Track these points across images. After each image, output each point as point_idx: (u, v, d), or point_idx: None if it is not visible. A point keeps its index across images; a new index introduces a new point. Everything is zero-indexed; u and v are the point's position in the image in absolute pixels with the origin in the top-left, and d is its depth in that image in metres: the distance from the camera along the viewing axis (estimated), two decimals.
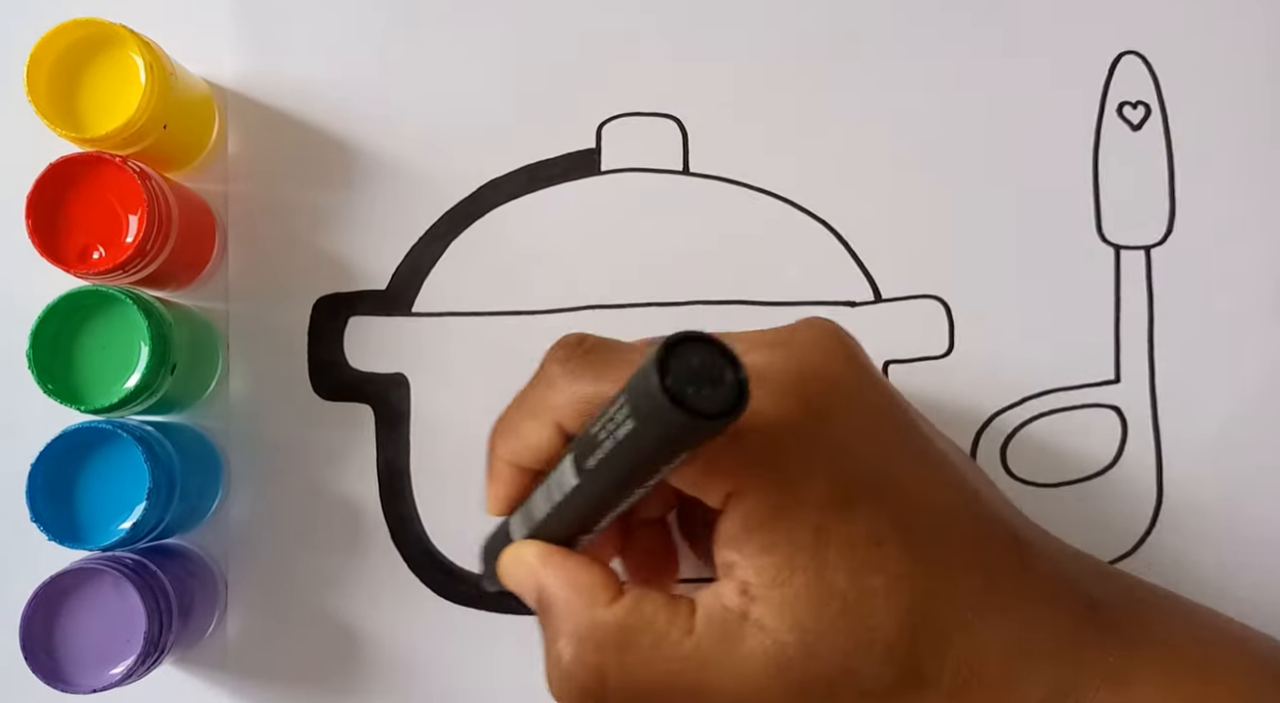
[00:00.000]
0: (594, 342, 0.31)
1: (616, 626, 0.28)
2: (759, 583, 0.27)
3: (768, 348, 0.30)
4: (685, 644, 0.28)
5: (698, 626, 0.28)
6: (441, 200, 0.42)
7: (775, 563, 0.27)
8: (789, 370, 0.29)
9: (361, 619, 0.41)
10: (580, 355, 0.30)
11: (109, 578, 0.36)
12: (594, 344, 0.31)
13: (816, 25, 0.42)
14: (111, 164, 0.36)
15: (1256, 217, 0.41)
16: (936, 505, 0.29)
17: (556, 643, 0.29)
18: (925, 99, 0.42)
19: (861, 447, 0.29)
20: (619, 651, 0.28)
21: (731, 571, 0.28)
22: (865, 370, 0.31)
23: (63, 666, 0.35)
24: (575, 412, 0.29)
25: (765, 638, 0.27)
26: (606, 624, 0.28)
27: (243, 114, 0.42)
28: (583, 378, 0.30)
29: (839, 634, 0.27)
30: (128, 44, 0.37)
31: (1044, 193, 0.42)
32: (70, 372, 0.36)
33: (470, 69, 0.42)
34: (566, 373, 0.30)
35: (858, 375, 0.30)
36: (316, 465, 0.41)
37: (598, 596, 0.29)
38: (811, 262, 0.41)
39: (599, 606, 0.28)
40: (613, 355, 0.30)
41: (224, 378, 0.41)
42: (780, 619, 0.27)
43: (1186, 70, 0.42)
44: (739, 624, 0.27)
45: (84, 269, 0.36)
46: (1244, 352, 0.41)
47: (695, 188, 0.42)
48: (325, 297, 0.41)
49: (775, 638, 0.27)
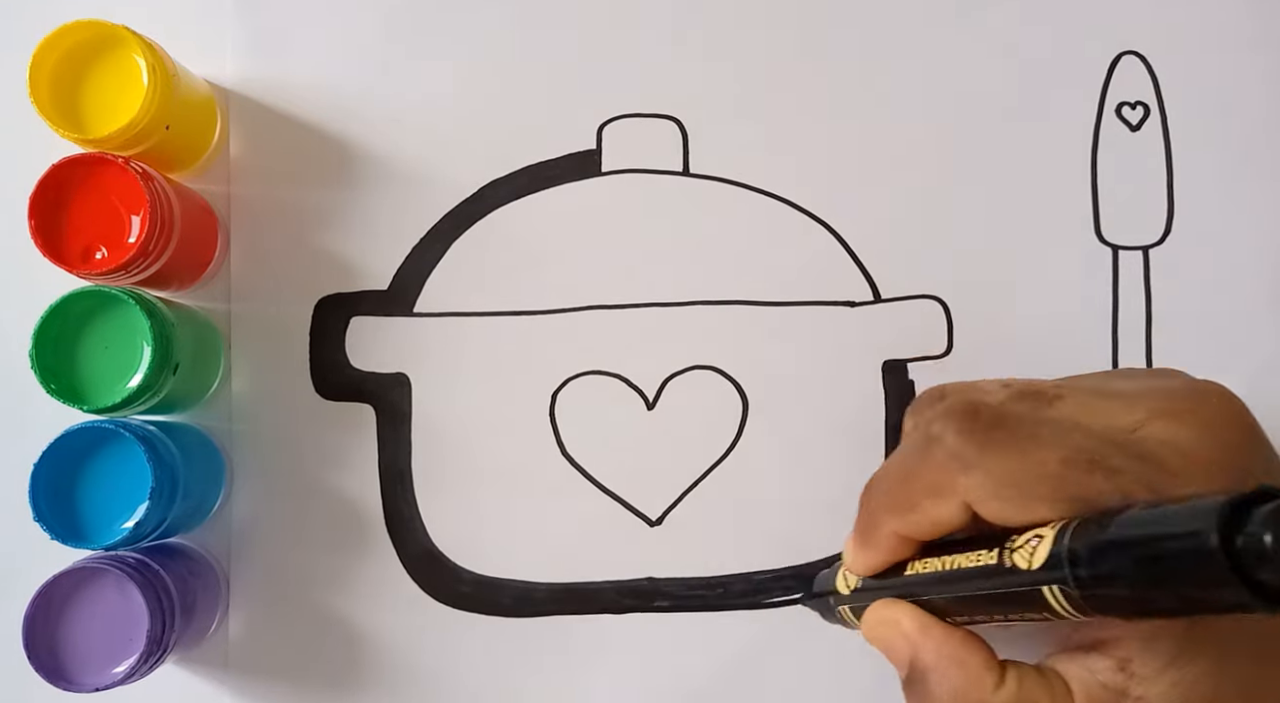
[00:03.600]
0: (982, 407, 0.29)
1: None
2: (1145, 662, 0.26)
3: (1174, 419, 0.28)
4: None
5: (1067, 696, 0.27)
6: (443, 201, 0.42)
7: (1173, 644, 0.26)
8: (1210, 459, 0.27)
9: (363, 619, 0.41)
10: (985, 427, 0.28)
11: (111, 577, 0.36)
12: (987, 411, 0.29)
13: (817, 25, 0.42)
14: (114, 165, 0.36)
15: (1254, 217, 0.41)
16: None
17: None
18: (925, 99, 0.42)
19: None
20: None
21: (1108, 645, 0.27)
22: (1271, 449, 0.29)
23: (65, 665, 0.36)
24: (998, 494, 0.27)
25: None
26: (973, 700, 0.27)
27: (245, 115, 0.42)
28: (999, 453, 0.27)
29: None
30: (130, 45, 0.37)
31: (1042, 193, 0.42)
32: (73, 372, 0.36)
33: (471, 70, 0.42)
34: (980, 450, 0.28)
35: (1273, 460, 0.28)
36: (318, 465, 0.41)
37: (984, 678, 0.28)
38: (811, 262, 0.41)
39: (986, 690, 0.27)
40: (1018, 427, 0.28)
41: (226, 378, 0.41)
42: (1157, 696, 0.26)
43: (1185, 71, 0.42)
44: (1114, 698, 0.26)
45: (86, 269, 0.36)
46: (1241, 352, 0.41)
47: (695, 188, 0.42)
48: (327, 297, 0.41)
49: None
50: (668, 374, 0.41)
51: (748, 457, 0.41)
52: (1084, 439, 0.27)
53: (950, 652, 0.28)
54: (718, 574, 0.41)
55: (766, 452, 0.41)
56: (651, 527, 0.41)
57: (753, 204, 0.42)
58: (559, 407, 0.41)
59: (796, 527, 0.41)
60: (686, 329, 0.41)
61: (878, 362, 0.41)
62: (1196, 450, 0.27)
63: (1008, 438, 0.28)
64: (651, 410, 0.41)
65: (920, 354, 0.41)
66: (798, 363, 0.41)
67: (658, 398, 0.41)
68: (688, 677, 0.41)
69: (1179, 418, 0.28)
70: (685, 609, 0.41)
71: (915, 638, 0.29)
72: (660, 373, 0.41)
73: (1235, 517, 0.20)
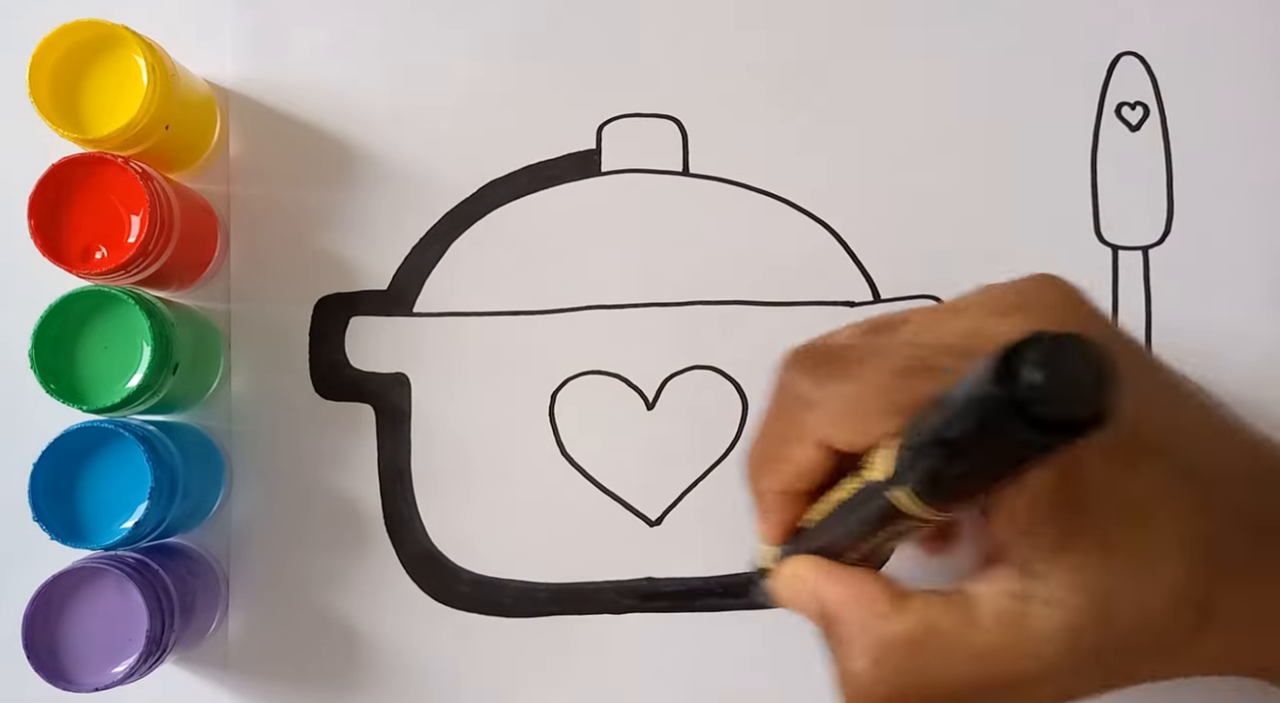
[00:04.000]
0: (821, 346, 0.30)
1: (908, 638, 0.28)
2: (1041, 558, 0.27)
3: (1002, 316, 0.29)
4: (977, 642, 0.27)
5: (984, 620, 0.27)
6: (442, 201, 0.42)
7: (1058, 534, 0.26)
8: None
9: (362, 619, 0.41)
10: (822, 362, 0.29)
11: (111, 577, 0.36)
12: (824, 349, 0.29)
13: (816, 25, 0.42)
14: (114, 165, 0.36)
15: (1254, 218, 0.41)
16: (1211, 453, 0.28)
17: (851, 661, 0.28)
18: (925, 99, 0.42)
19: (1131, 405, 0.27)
20: (915, 663, 0.28)
21: (1006, 552, 0.27)
22: (1112, 328, 0.30)
23: (65, 664, 0.36)
24: (838, 421, 0.28)
25: (1055, 613, 0.26)
26: (898, 637, 0.28)
27: (244, 115, 0.42)
28: (834, 383, 0.28)
29: (1129, 588, 0.26)
30: (130, 45, 0.37)
31: (1042, 193, 0.42)
32: (72, 372, 0.36)
33: (471, 70, 0.42)
34: (817, 384, 0.29)
35: (1110, 336, 0.29)
36: (318, 465, 0.41)
37: (882, 606, 0.28)
38: (811, 262, 0.41)
39: (887, 617, 0.28)
40: (850, 354, 0.29)
41: (226, 378, 0.41)
42: (1069, 589, 0.26)
43: (1185, 71, 0.42)
44: (1025, 607, 0.27)
45: (86, 269, 0.36)
46: (1241, 352, 0.41)
47: (695, 188, 0.42)
48: (327, 297, 0.41)
49: (1065, 611, 0.26)
50: (668, 374, 0.41)
51: None
52: (915, 350, 0.28)
53: (848, 590, 0.29)
54: (717, 574, 0.41)
55: None
56: (651, 527, 0.41)
57: (753, 204, 0.42)
58: (559, 407, 0.41)
59: None
60: (686, 329, 0.41)
61: None
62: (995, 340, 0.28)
63: (843, 367, 0.28)
64: (651, 410, 0.41)
65: None
66: None
67: (657, 398, 0.41)
68: (687, 677, 0.41)
69: (1006, 314, 0.28)
70: (685, 610, 0.41)
71: (815, 586, 0.30)
72: (660, 373, 0.41)
73: (1013, 364, 0.20)
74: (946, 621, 0.28)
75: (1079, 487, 0.27)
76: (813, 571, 0.30)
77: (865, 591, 0.29)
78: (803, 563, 0.30)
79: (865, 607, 0.28)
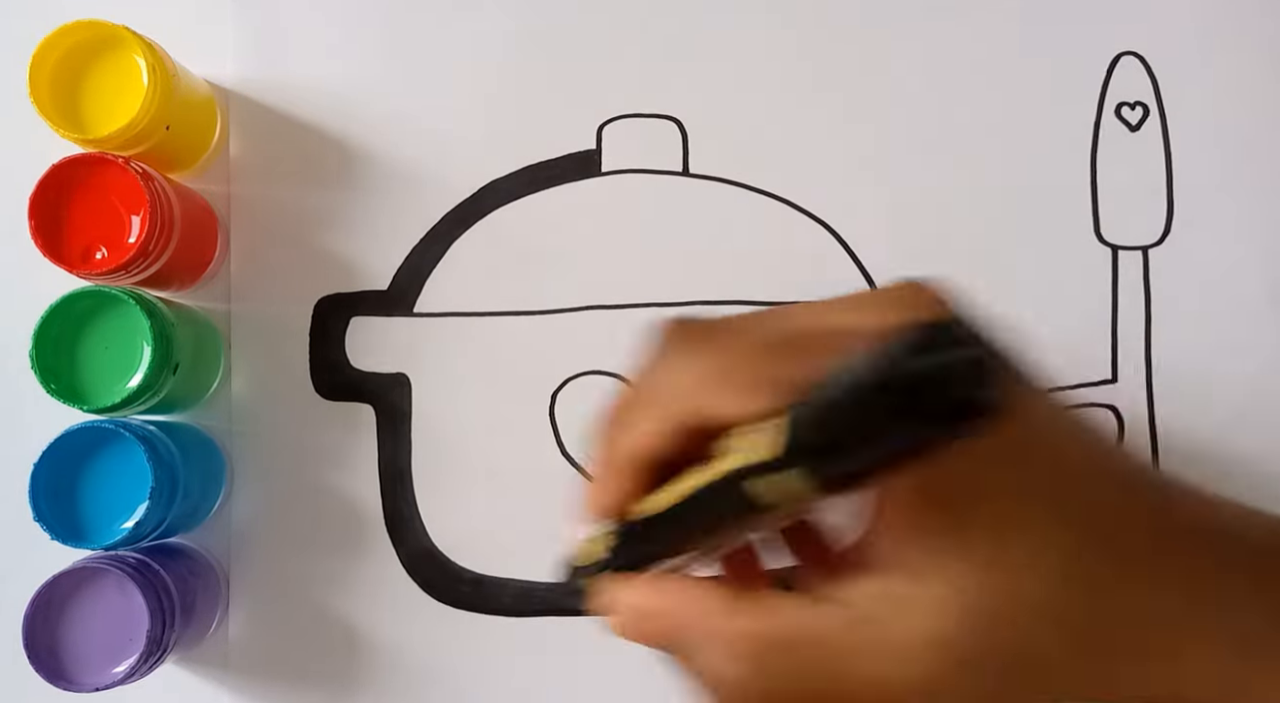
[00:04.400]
0: (696, 319, 0.29)
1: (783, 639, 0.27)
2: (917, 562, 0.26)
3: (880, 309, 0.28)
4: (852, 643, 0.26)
5: (858, 623, 0.27)
6: (443, 201, 0.42)
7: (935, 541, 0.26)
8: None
9: (362, 619, 0.41)
10: (695, 332, 0.29)
11: (112, 577, 0.36)
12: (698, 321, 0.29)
13: (816, 26, 0.42)
14: (114, 165, 0.36)
15: (1253, 218, 0.41)
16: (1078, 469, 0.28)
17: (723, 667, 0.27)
18: (924, 100, 0.42)
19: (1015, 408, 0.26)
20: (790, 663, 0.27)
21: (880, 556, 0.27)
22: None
23: (65, 664, 0.36)
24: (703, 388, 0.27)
25: (930, 622, 0.26)
26: (773, 635, 0.27)
27: (244, 115, 0.42)
28: (705, 352, 0.28)
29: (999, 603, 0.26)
30: (130, 46, 0.37)
31: (1042, 193, 0.42)
32: (73, 372, 0.36)
33: (471, 71, 0.42)
34: (688, 352, 0.28)
35: None
36: (318, 465, 0.41)
37: (746, 608, 0.27)
38: (811, 262, 0.41)
39: (755, 617, 0.27)
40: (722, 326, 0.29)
41: (226, 378, 0.41)
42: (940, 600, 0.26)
43: (1184, 71, 0.42)
44: (899, 611, 0.26)
45: (87, 269, 0.36)
46: (1240, 352, 0.41)
47: (695, 188, 0.42)
48: (327, 297, 0.41)
49: (940, 619, 0.26)
50: None
51: None
52: (784, 330, 0.28)
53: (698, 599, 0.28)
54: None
55: None
56: None
57: (753, 204, 0.42)
58: (559, 407, 0.41)
59: None
60: None
61: None
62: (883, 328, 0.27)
63: (715, 337, 0.28)
64: None
65: None
66: None
67: None
68: None
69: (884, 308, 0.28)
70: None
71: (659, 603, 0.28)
72: None
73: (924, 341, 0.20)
74: (819, 622, 0.27)
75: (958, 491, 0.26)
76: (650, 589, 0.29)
77: (718, 596, 0.27)
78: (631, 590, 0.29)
79: (726, 612, 0.27)
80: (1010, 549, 0.26)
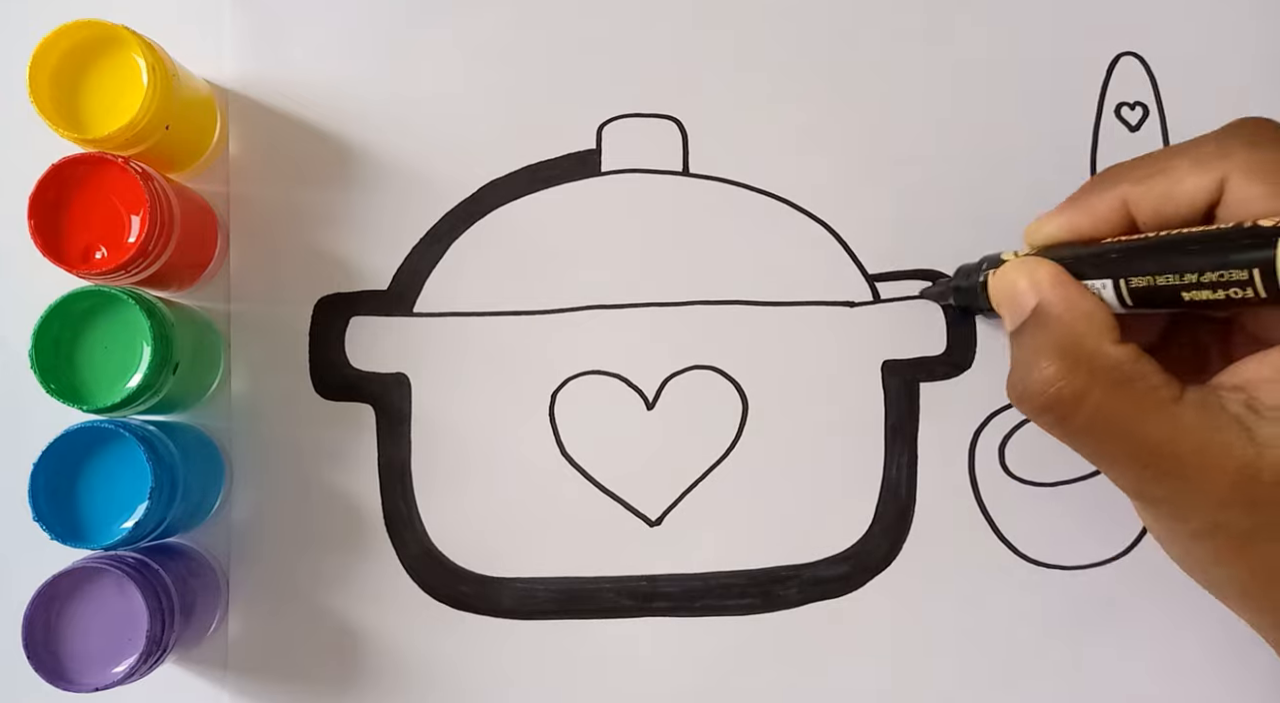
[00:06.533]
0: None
1: (1115, 362, 0.28)
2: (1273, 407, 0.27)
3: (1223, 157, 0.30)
4: (1169, 407, 0.28)
5: (1187, 398, 0.28)
6: (442, 201, 0.42)
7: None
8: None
9: (362, 619, 0.41)
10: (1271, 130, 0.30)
11: (111, 577, 0.36)
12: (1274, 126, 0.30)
13: (816, 26, 0.42)
14: (114, 165, 0.36)
15: None
16: None
17: (1041, 356, 0.29)
18: (924, 99, 0.42)
19: None
20: (1108, 384, 0.28)
21: (1246, 387, 0.28)
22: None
23: (65, 664, 0.36)
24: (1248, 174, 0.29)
25: (1248, 445, 0.27)
26: (1107, 356, 0.29)
27: (244, 115, 0.42)
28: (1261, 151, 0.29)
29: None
30: (130, 45, 0.37)
31: (1042, 193, 0.42)
32: (72, 372, 0.36)
33: (471, 69, 0.42)
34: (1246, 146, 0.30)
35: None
36: (318, 465, 0.41)
37: (1105, 332, 0.29)
38: (811, 262, 0.41)
39: (1105, 340, 0.29)
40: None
41: (226, 378, 0.41)
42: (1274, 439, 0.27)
43: (1184, 72, 0.42)
44: (1228, 421, 0.27)
45: (86, 269, 0.36)
46: None
47: (695, 188, 0.42)
48: (327, 297, 0.41)
49: (1259, 449, 0.27)
50: (667, 374, 0.41)
51: (747, 457, 0.41)
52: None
53: (1078, 305, 0.30)
54: (717, 574, 0.41)
55: (766, 452, 0.41)
56: (651, 527, 0.41)
57: (753, 204, 0.42)
58: (559, 407, 0.41)
59: (796, 527, 0.41)
60: (686, 329, 0.41)
61: (877, 362, 0.41)
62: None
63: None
64: (651, 410, 0.41)
65: (919, 354, 0.41)
66: (797, 363, 0.41)
67: (657, 398, 0.41)
68: (688, 677, 0.41)
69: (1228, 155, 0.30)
70: (685, 610, 0.41)
71: (1046, 289, 0.30)
72: (660, 373, 0.41)
73: None
74: (1158, 377, 0.28)
75: None
76: (1051, 274, 0.30)
77: (1096, 313, 0.29)
78: (1043, 266, 0.31)
79: (1090, 323, 0.29)
80: None
